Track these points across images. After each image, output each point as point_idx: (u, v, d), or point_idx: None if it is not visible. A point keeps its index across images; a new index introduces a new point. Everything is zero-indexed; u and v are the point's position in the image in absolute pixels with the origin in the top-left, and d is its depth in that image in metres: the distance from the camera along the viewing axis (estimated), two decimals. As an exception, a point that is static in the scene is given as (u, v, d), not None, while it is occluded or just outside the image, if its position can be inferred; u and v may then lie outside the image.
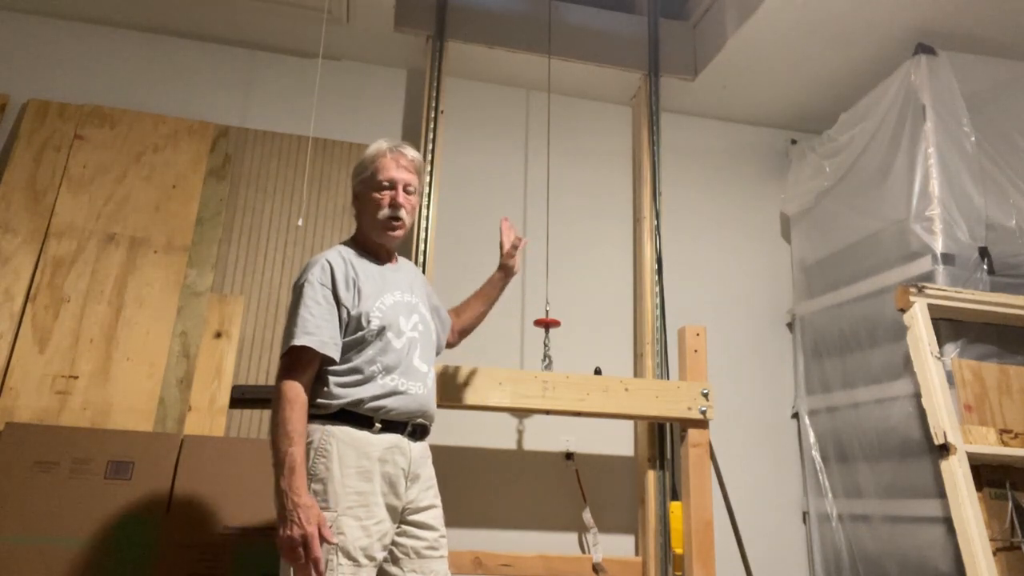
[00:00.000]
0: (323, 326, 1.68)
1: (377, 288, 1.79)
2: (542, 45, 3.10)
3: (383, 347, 1.73)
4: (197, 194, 2.81)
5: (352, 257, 1.82)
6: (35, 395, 2.41)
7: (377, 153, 1.86)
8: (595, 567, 2.70)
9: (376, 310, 1.75)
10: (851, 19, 2.86)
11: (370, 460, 1.65)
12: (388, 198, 1.83)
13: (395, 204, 1.82)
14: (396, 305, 1.80)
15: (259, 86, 3.17)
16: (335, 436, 1.65)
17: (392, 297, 1.80)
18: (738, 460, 3.04)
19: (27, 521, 2.13)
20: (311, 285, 1.72)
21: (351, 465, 1.63)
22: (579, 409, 2.54)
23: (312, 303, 1.70)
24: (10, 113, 2.84)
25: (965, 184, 2.65)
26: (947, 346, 2.51)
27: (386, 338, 1.74)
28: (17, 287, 2.53)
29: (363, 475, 1.64)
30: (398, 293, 1.83)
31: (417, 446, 1.76)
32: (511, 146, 3.33)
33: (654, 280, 3.03)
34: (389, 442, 1.69)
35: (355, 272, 1.77)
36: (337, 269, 1.75)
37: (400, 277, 1.89)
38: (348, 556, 1.57)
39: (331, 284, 1.73)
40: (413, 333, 1.80)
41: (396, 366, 1.73)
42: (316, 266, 1.75)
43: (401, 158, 1.86)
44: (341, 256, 1.80)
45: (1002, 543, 2.25)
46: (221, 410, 2.58)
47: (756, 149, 3.63)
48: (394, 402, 1.71)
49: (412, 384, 1.75)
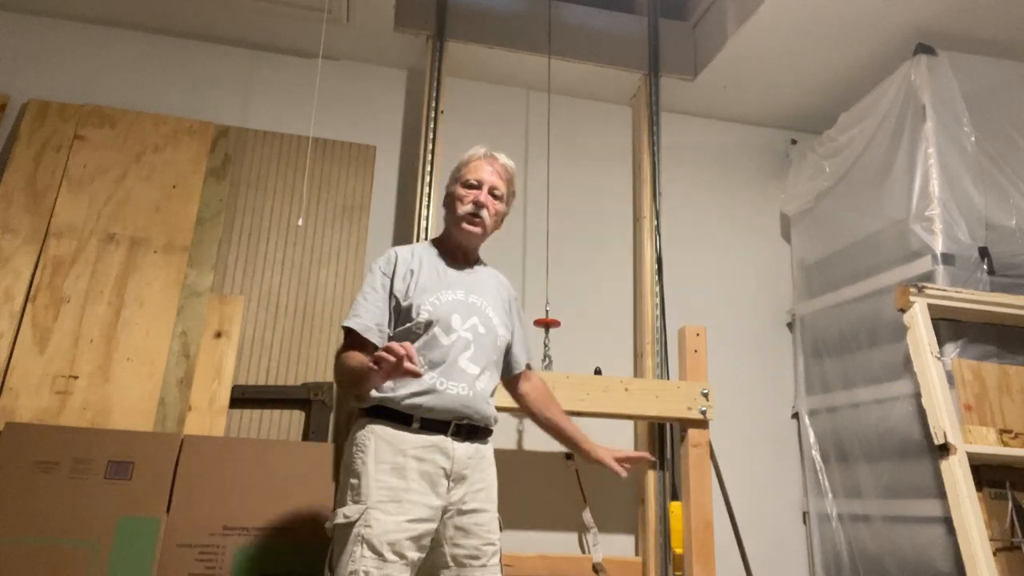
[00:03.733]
0: (373, 311, 1.74)
1: (438, 284, 1.79)
2: (542, 45, 3.10)
3: (429, 342, 1.72)
4: (197, 194, 2.81)
5: (425, 252, 1.86)
6: (35, 395, 2.41)
7: (472, 156, 1.91)
8: (595, 567, 2.70)
9: (428, 304, 1.75)
10: (851, 19, 2.86)
11: (405, 457, 1.64)
12: (472, 196, 1.85)
13: (478, 203, 1.84)
14: (454, 303, 1.78)
15: (259, 86, 3.17)
16: (374, 432, 1.67)
17: (452, 295, 1.79)
18: (738, 460, 3.04)
19: (27, 521, 2.12)
20: (372, 272, 1.81)
21: (385, 461, 1.64)
22: (579, 409, 2.54)
23: (369, 289, 1.78)
24: (10, 113, 2.84)
25: (965, 184, 2.65)
26: (947, 346, 2.51)
27: (433, 333, 1.73)
28: (17, 287, 2.53)
29: (397, 471, 1.63)
30: (461, 292, 1.81)
31: (464, 447, 1.71)
32: (511, 146, 3.32)
33: (654, 280, 3.03)
34: (428, 441, 1.67)
35: (420, 265, 1.81)
36: (401, 260, 1.81)
37: (473, 279, 1.87)
38: (372, 549, 1.55)
39: (391, 273, 1.79)
40: (467, 333, 1.76)
41: (439, 363, 1.71)
42: (385, 255, 1.84)
43: (494, 163, 1.90)
44: (412, 250, 1.86)
45: (1002, 543, 2.25)
46: (221, 410, 2.58)
47: (756, 149, 3.63)
48: (431, 400, 1.68)
49: (453, 384, 1.71)
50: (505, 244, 3.19)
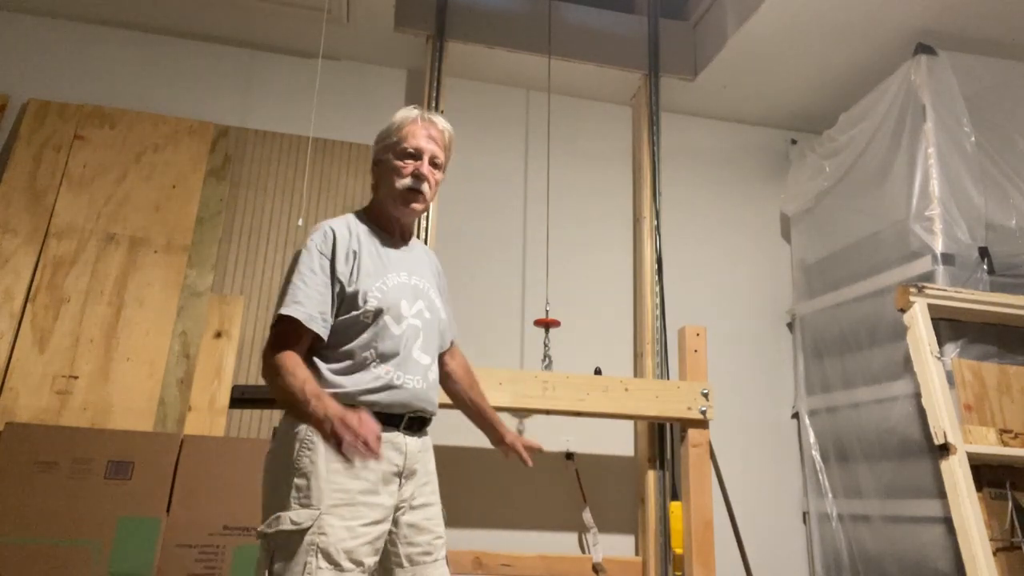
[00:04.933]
0: (314, 298, 1.54)
1: (381, 266, 1.63)
2: (542, 45, 3.10)
3: (379, 332, 1.57)
4: (197, 194, 2.81)
5: (360, 229, 1.66)
6: (35, 395, 2.41)
7: (406, 119, 1.69)
8: (595, 567, 2.70)
9: (376, 290, 1.58)
10: (851, 19, 2.86)
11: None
12: (412, 167, 1.66)
13: (418, 175, 1.65)
14: (400, 287, 1.63)
15: (259, 86, 3.17)
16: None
17: (397, 278, 1.64)
18: (738, 460, 3.04)
19: (27, 521, 2.12)
20: (309, 252, 1.58)
21: (337, 460, 1.43)
22: (579, 409, 2.54)
23: (307, 271, 1.56)
24: (10, 113, 2.84)
25: (965, 184, 2.65)
26: (947, 346, 2.51)
27: (383, 322, 1.57)
28: (17, 287, 2.53)
29: (350, 472, 1.47)
30: (404, 274, 1.65)
31: (414, 440, 1.60)
32: (511, 146, 3.33)
33: (654, 280, 3.03)
34: (383, 438, 1.52)
35: (359, 245, 1.62)
36: (340, 238, 1.60)
37: (411, 257, 1.72)
38: (329, 559, 1.42)
39: (331, 254, 1.58)
40: (416, 320, 1.63)
41: (393, 355, 1.57)
42: (318, 232, 1.61)
43: (432, 128, 1.70)
44: (347, 225, 1.64)
45: (1002, 543, 2.25)
46: (221, 410, 2.58)
47: (756, 149, 3.63)
48: (388, 397, 1.56)
49: (409, 378, 1.59)
50: (505, 244, 3.19)
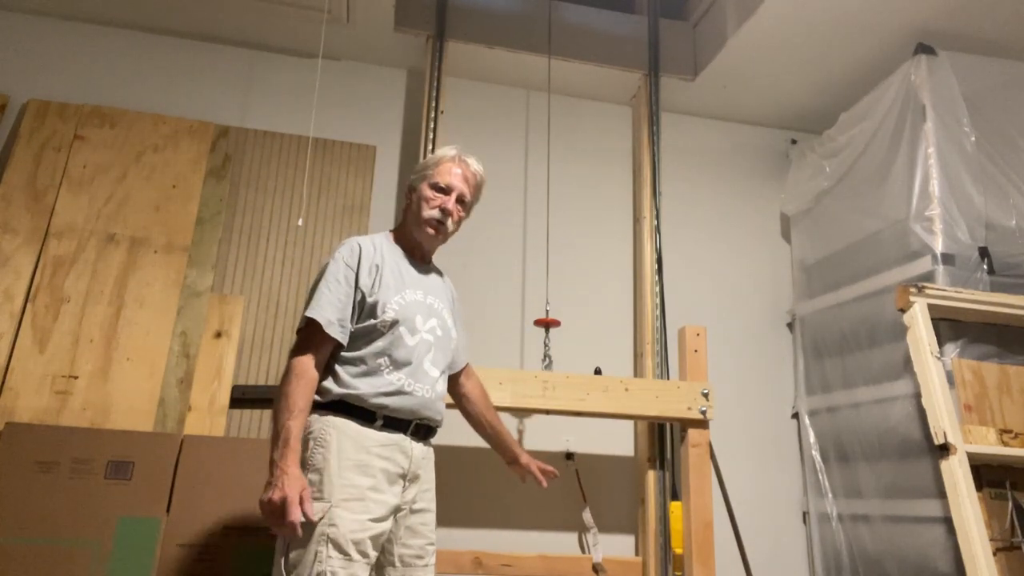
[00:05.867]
0: (336, 305, 1.68)
1: (401, 282, 1.78)
2: (542, 45, 3.10)
3: (394, 341, 1.71)
4: (197, 194, 2.81)
5: (385, 247, 1.82)
6: (35, 395, 2.41)
7: (444, 156, 1.88)
8: (595, 567, 2.70)
9: (393, 302, 1.73)
10: (851, 19, 2.86)
11: (369, 455, 1.64)
12: (440, 201, 1.84)
13: (445, 210, 1.83)
14: (415, 303, 1.78)
15: (259, 86, 3.17)
16: (336, 427, 1.64)
17: (413, 295, 1.79)
18: (738, 460, 3.04)
19: (27, 521, 2.13)
20: (335, 263, 1.74)
21: (349, 458, 1.61)
22: (579, 409, 2.54)
23: (333, 280, 1.71)
24: (10, 113, 2.84)
25: (965, 184, 2.65)
26: (947, 346, 2.51)
27: (398, 332, 1.72)
28: (17, 287, 2.53)
29: (361, 469, 1.61)
30: (420, 293, 1.81)
31: (419, 447, 1.74)
32: (511, 146, 3.33)
33: (654, 280, 3.03)
34: (390, 440, 1.68)
35: (382, 260, 1.77)
36: (365, 252, 1.76)
37: (429, 280, 1.88)
38: (339, 549, 1.54)
39: (356, 266, 1.73)
40: (428, 336, 1.78)
41: (405, 363, 1.72)
42: (346, 246, 1.77)
43: (465, 168, 1.88)
44: (373, 242, 1.81)
45: (1002, 543, 2.25)
46: (221, 410, 2.58)
47: (756, 149, 3.63)
48: (398, 401, 1.69)
49: (419, 386, 1.73)
50: (505, 244, 3.19)
